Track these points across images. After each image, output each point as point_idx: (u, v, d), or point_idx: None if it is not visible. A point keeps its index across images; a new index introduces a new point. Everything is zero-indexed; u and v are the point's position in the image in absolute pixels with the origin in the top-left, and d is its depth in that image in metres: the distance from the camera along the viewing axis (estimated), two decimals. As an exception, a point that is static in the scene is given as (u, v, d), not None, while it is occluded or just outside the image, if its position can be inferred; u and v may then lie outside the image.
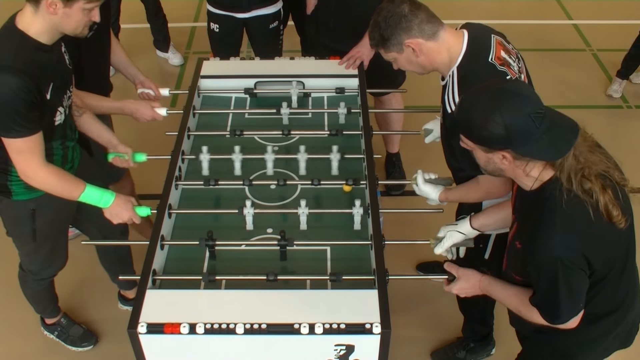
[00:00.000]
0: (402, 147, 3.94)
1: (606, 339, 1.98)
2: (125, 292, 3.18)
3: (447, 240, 2.23)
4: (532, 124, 1.66)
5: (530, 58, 5.40)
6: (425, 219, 2.47)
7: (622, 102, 4.73)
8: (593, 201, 1.71)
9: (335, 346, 1.92)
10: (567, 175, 1.71)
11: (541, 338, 2.05)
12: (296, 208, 2.32)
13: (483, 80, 2.04)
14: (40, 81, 2.10)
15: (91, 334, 3.04)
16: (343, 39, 3.19)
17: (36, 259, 2.63)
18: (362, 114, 2.75)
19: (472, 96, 1.78)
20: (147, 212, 2.36)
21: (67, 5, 2.03)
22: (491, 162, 1.79)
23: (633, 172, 1.82)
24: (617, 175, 1.79)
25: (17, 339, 3.10)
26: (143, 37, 5.09)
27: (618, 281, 1.87)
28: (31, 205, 2.37)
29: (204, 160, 2.52)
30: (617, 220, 1.73)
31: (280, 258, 2.20)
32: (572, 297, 1.78)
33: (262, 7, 3.54)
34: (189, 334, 1.88)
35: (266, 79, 2.98)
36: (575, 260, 1.72)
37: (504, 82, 1.78)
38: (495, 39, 2.18)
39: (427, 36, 2.12)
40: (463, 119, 1.78)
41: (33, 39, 2.10)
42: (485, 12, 5.75)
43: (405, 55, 2.17)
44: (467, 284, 2.10)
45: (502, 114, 1.67)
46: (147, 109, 2.77)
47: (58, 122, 2.25)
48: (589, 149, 1.77)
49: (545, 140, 1.68)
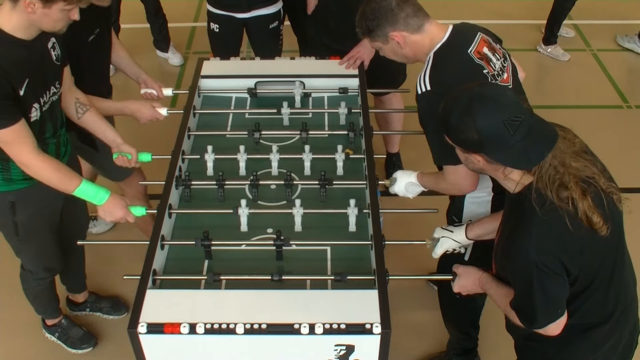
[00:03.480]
0: (402, 147, 3.94)
1: (599, 349, 1.94)
2: (73, 296, 3.16)
3: (440, 247, 2.24)
4: (506, 131, 1.66)
5: (530, 58, 5.41)
6: (425, 219, 2.47)
7: (622, 102, 4.74)
8: (570, 209, 1.69)
9: (335, 346, 1.92)
10: (544, 183, 1.70)
11: (533, 346, 2.03)
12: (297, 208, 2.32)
13: (456, 67, 2.09)
14: (14, 77, 2.09)
15: (91, 336, 3.04)
16: (343, 39, 3.18)
17: (28, 255, 2.64)
18: (362, 114, 2.75)
19: (452, 97, 1.78)
20: (142, 212, 2.37)
21: (46, 6, 2.02)
22: (469, 161, 1.82)
23: (633, 172, 1.81)
24: (602, 182, 1.76)
25: (17, 340, 3.10)
26: (143, 37, 5.09)
27: (606, 291, 1.84)
28: (10, 198, 2.37)
29: (209, 160, 2.52)
30: (598, 227, 1.71)
31: (277, 258, 2.20)
32: (548, 303, 1.76)
33: (262, 7, 3.54)
34: (189, 334, 1.88)
35: (266, 79, 2.98)
36: (550, 264, 1.71)
37: (484, 85, 1.79)
38: (482, 36, 2.21)
39: (412, 30, 2.16)
40: (442, 118, 1.79)
41: (9, 34, 2.09)
42: (485, 12, 5.75)
43: (390, 46, 2.22)
44: (467, 281, 2.10)
45: (474, 119, 1.67)
46: (148, 108, 2.77)
47: (34, 119, 2.23)
48: (574, 155, 1.75)
49: (518, 149, 1.67)
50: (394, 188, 2.44)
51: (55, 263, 2.73)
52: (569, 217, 1.69)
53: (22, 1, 2.01)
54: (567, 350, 1.94)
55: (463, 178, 2.15)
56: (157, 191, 2.39)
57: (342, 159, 2.54)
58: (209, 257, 2.22)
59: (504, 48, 2.30)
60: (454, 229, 2.24)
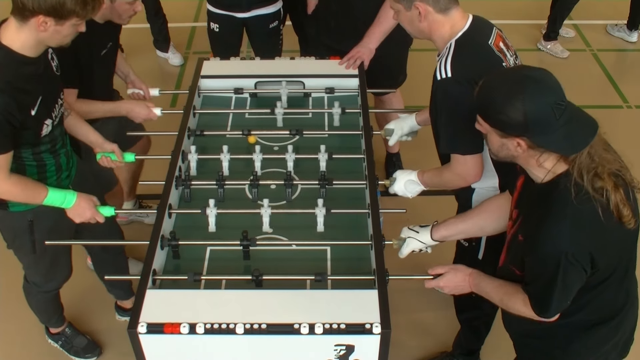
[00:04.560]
0: (402, 147, 3.94)
1: (603, 347, 1.94)
2: (122, 302, 3.15)
3: (406, 247, 2.23)
4: (552, 114, 1.63)
5: (530, 58, 5.41)
6: (425, 219, 2.46)
7: (622, 102, 4.74)
8: (603, 200, 1.68)
9: (335, 346, 1.92)
10: (579, 172, 1.68)
11: (534, 345, 2.03)
12: (297, 208, 2.32)
13: (478, 56, 2.08)
14: (25, 98, 2.05)
15: (95, 345, 3.01)
16: (344, 39, 3.19)
17: (38, 271, 2.60)
18: (362, 114, 2.75)
19: (496, 77, 1.74)
20: (111, 212, 2.38)
21: (59, 23, 1.98)
22: (504, 147, 1.75)
23: (633, 172, 1.81)
24: (629, 176, 1.77)
25: (18, 348, 3.06)
26: (143, 37, 5.09)
27: (619, 286, 1.85)
28: (29, 217, 2.34)
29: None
30: (627, 220, 1.71)
31: (244, 257, 2.20)
32: (565, 294, 1.76)
33: (262, 7, 3.54)
34: (189, 334, 1.88)
35: (266, 79, 2.98)
36: (580, 257, 1.70)
37: (531, 68, 1.74)
38: (497, 31, 2.22)
39: (438, 8, 2.13)
40: (483, 100, 1.74)
41: (19, 53, 2.03)
42: (485, 12, 5.71)
43: (409, 14, 2.18)
44: (455, 277, 2.08)
45: (523, 101, 1.63)
46: (142, 108, 2.78)
47: (45, 133, 2.20)
48: (604, 147, 1.75)
49: (563, 134, 1.65)
50: (393, 187, 2.43)
51: (64, 276, 2.70)
52: (602, 208, 1.68)
53: (34, 20, 1.95)
54: (571, 348, 1.93)
55: (471, 167, 2.14)
56: (157, 191, 2.39)
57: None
58: (176, 257, 2.23)
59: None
60: (420, 229, 2.22)
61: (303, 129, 2.68)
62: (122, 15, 2.61)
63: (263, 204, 2.30)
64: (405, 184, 2.40)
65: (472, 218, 2.14)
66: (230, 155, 2.53)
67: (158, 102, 2.95)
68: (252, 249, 2.21)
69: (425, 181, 2.38)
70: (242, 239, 2.17)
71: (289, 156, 2.52)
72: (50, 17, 1.95)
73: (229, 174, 2.52)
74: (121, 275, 2.92)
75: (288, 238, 2.29)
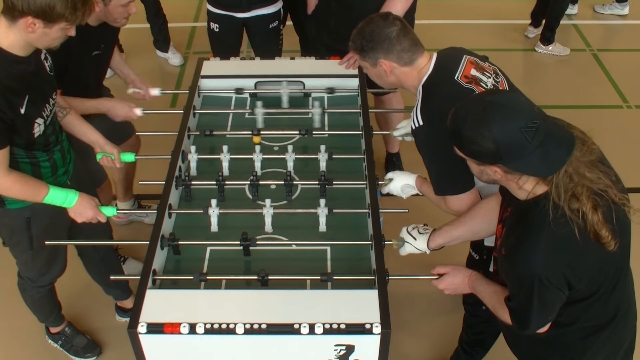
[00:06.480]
0: (402, 147, 3.94)
1: (597, 355, 1.93)
2: (122, 303, 3.15)
3: (404, 250, 2.24)
4: (523, 138, 1.59)
5: (530, 58, 5.41)
6: (425, 218, 2.47)
7: (622, 102, 4.74)
8: (580, 222, 1.65)
9: (335, 346, 1.92)
10: (557, 192, 1.65)
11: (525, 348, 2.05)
12: (297, 208, 2.32)
13: (445, 96, 2.06)
14: (12, 96, 2.05)
15: (95, 345, 3.00)
16: (344, 39, 3.16)
17: (34, 267, 2.60)
18: (362, 114, 2.75)
19: (462, 108, 1.71)
20: (113, 212, 2.38)
21: (48, 26, 1.98)
22: (484, 173, 1.75)
23: (633, 172, 1.80)
24: (614, 194, 1.71)
25: (17, 348, 3.06)
26: (143, 37, 5.09)
27: (607, 299, 1.82)
28: (26, 213, 2.34)
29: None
30: (606, 242, 1.67)
31: (244, 255, 2.21)
32: (544, 312, 1.76)
33: (262, 7, 3.54)
34: (189, 334, 1.88)
35: (266, 79, 2.98)
36: (553, 280, 1.69)
37: (494, 93, 1.70)
38: (468, 58, 2.20)
39: (402, 62, 2.17)
40: (453, 132, 1.72)
41: (7, 51, 2.03)
42: (485, 12, 5.75)
43: (376, 70, 2.23)
44: (455, 279, 2.09)
45: (491, 129, 1.60)
46: (123, 107, 2.78)
47: (38, 134, 2.19)
48: (589, 165, 1.70)
49: (537, 155, 1.61)
50: (389, 187, 2.44)
51: (59, 270, 2.69)
52: (579, 230, 1.65)
53: (22, 20, 1.96)
54: (569, 356, 1.93)
55: (466, 204, 2.15)
56: (157, 191, 2.39)
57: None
58: (177, 254, 2.23)
59: (493, 63, 2.28)
60: (418, 236, 2.21)
61: (306, 129, 2.68)
62: (116, 18, 2.61)
63: (265, 204, 2.30)
64: (402, 187, 2.41)
65: (466, 224, 2.14)
66: (230, 155, 2.53)
67: (158, 102, 2.96)
68: (252, 249, 2.21)
69: (422, 191, 2.38)
70: (242, 240, 2.17)
71: (289, 156, 2.52)
72: (39, 19, 1.96)
73: (229, 174, 2.52)
74: (116, 274, 2.90)
75: (288, 238, 2.29)
